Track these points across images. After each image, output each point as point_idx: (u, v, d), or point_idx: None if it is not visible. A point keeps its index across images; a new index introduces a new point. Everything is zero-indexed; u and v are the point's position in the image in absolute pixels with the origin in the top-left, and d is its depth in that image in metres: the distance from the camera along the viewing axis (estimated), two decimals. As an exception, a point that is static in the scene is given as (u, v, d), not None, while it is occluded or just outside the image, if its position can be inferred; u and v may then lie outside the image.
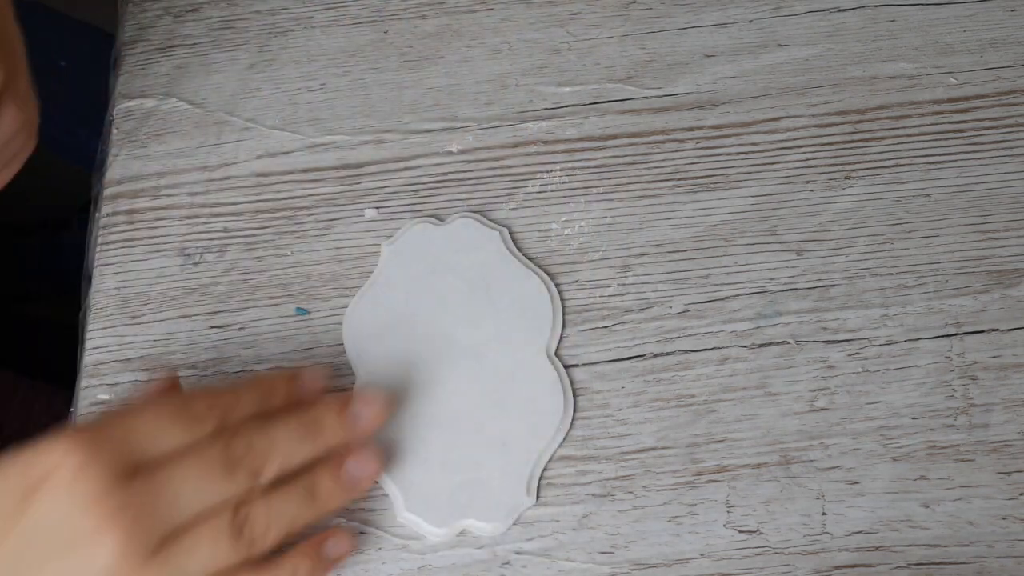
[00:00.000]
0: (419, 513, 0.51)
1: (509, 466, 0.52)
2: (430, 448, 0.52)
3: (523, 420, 0.53)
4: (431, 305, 0.55)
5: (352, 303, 0.56)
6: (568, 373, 0.54)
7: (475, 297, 0.55)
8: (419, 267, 0.56)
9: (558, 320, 0.55)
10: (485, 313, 0.55)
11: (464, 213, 0.58)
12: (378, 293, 0.56)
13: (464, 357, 0.54)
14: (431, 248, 0.57)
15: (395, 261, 0.57)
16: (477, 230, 0.57)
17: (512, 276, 0.56)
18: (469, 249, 0.56)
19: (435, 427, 0.52)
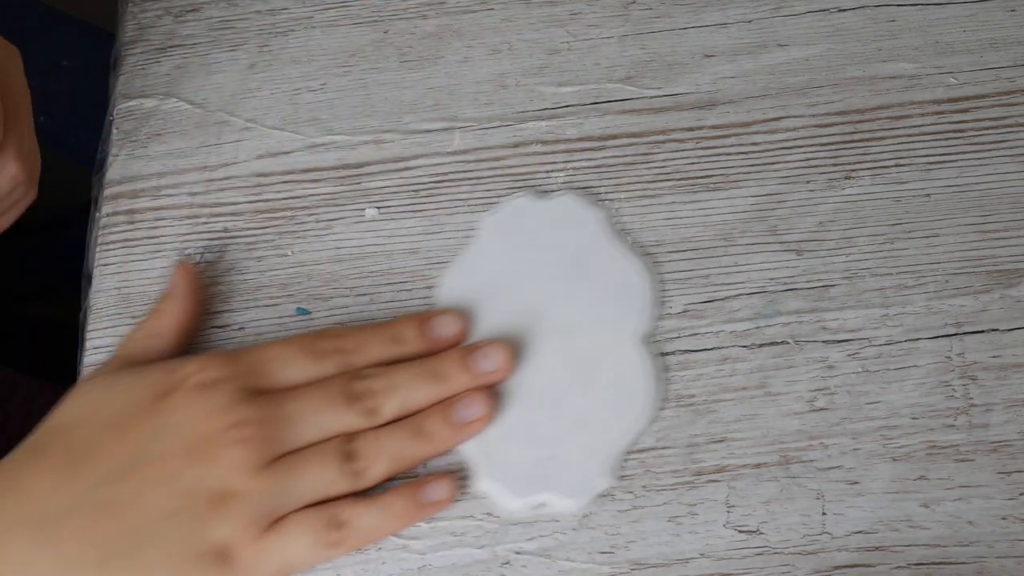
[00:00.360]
0: (498, 483, 0.51)
1: (591, 445, 0.52)
2: (514, 420, 0.52)
3: (609, 401, 0.53)
4: (525, 279, 0.55)
5: (447, 271, 0.56)
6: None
7: (570, 275, 0.55)
8: (516, 240, 0.56)
9: (651, 303, 0.55)
10: (580, 291, 0.55)
11: (567, 190, 0.58)
12: (474, 263, 0.56)
13: (554, 334, 0.54)
14: (530, 222, 0.57)
15: (493, 232, 0.57)
16: (578, 208, 0.57)
17: (610, 257, 0.56)
18: (568, 226, 0.57)
19: (520, 400, 0.53)
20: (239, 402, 0.45)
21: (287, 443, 0.46)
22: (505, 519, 0.51)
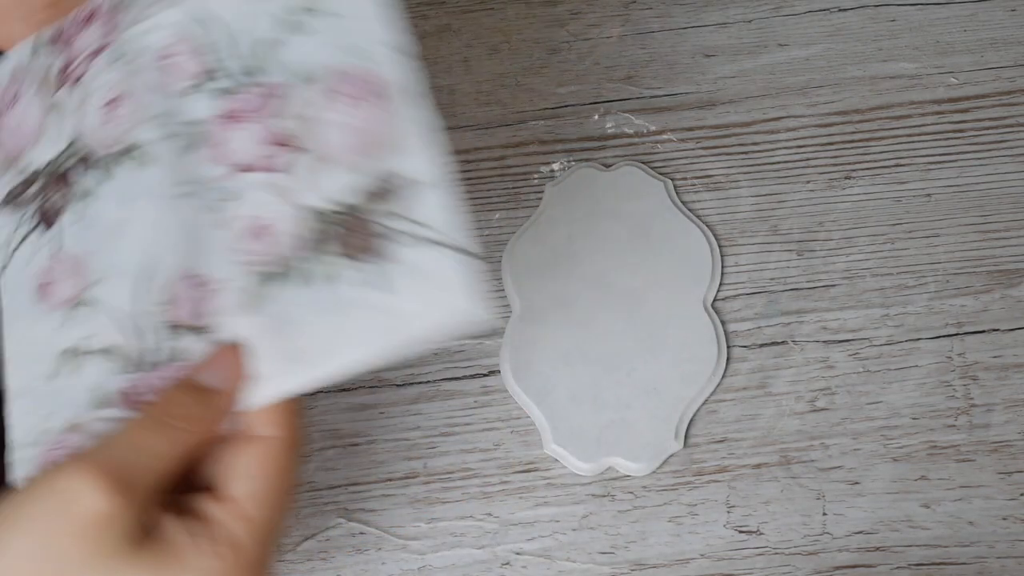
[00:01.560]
0: (566, 446, 0.52)
1: (658, 410, 0.52)
2: (581, 385, 0.53)
3: (675, 367, 0.53)
4: (591, 247, 0.56)
5: (513, 239, 0.57)
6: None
7: (635, 243, 0.56)
8: (581, 209, 0.57)
9: (716, 273, 0.56)
10: (644, 260, 0.56)
11: (629, 161, 0.58)
12: (540, 230, 0.57)
13: (621, 301, 0.55)
14: (594, 192, 0.57)
15: (558, 201, 0.57)
16: (641, 179, 0.58)
17: (674, 226, 0.56)
18: (632, 196, 0.57)
19: (587, 366, 0.53)
20: None
21: None
22: (506, 519, 0.51)
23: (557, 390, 0.53)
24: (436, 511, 0.52)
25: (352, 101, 0.43)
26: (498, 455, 0.53)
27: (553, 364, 0.54)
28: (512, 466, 0.53)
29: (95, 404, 0.43)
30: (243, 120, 0.44)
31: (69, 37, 0.47)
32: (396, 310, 0.42)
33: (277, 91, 0.43)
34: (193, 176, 0.44)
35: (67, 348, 0.44)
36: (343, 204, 0.42)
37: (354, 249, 0.42)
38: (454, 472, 0.52)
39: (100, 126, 0.45)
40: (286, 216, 0.43)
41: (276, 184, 0.43)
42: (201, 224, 0.44)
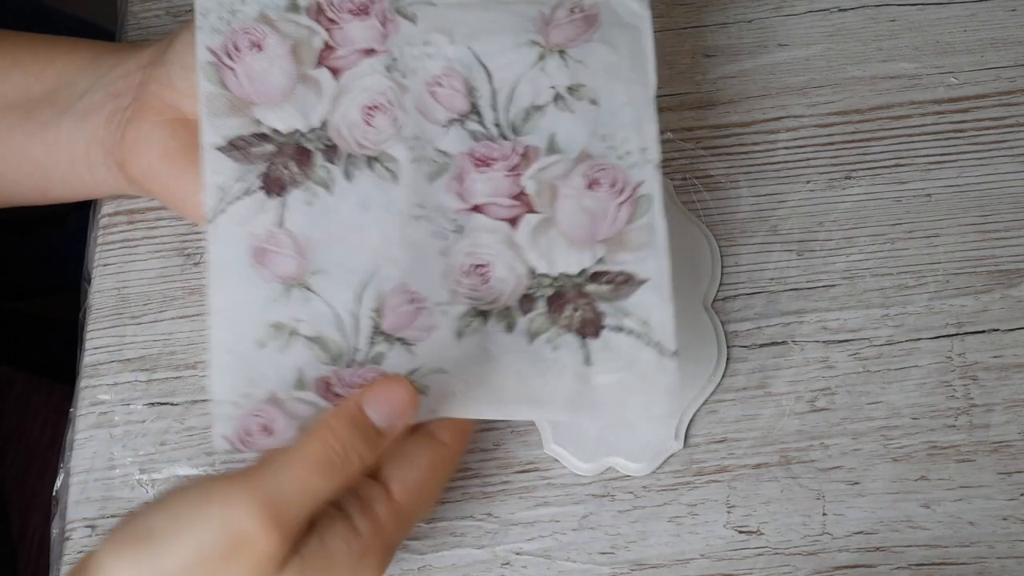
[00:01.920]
0: (566, 446, 0.52)
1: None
2: None
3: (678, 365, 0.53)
4: None
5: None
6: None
7: None
8: None
9: (716, 272, 0.55)
10: None
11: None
12: None
13: None
14: None
15: None
16: None
17: (674, 226, 0.56)
18: None
19: None
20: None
21: None
22: (506, 519, 0.51)
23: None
24: (436, 511, 0.52)
25: (596, 188, 0.48)
26: (498, 455, 0.53)
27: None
28: (512, 466, 0.53)
29: (297, 384, 0.46)
30: (493, 167, 0.48)
31: (335, 20, 0.48)
32: (591, 383, 0.47)
33: (532, 153, 0.48)
34: (433, 202, 0.48)
35: (277, 323, 0.47)
36: (561, 274, 0.47)
37: (560, 316, 0.47)
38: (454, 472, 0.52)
39: (357, 125, 0.48)
40: (505, 265, 0.48)
41: (503, 232, 0.48)
42: (429, 247, 0.48)
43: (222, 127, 0.47)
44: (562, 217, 0.48)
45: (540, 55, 0.48)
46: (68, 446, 0.54)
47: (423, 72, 0.48)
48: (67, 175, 0.54)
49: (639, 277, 0.47)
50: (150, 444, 0.54)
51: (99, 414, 0.55)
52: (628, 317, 0.47)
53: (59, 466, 0.54)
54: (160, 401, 0.55)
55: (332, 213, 0.47)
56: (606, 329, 0.47)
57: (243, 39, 0.48)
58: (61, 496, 0.54)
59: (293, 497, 0.41)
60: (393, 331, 0.47)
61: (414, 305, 0.47)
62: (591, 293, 0.47)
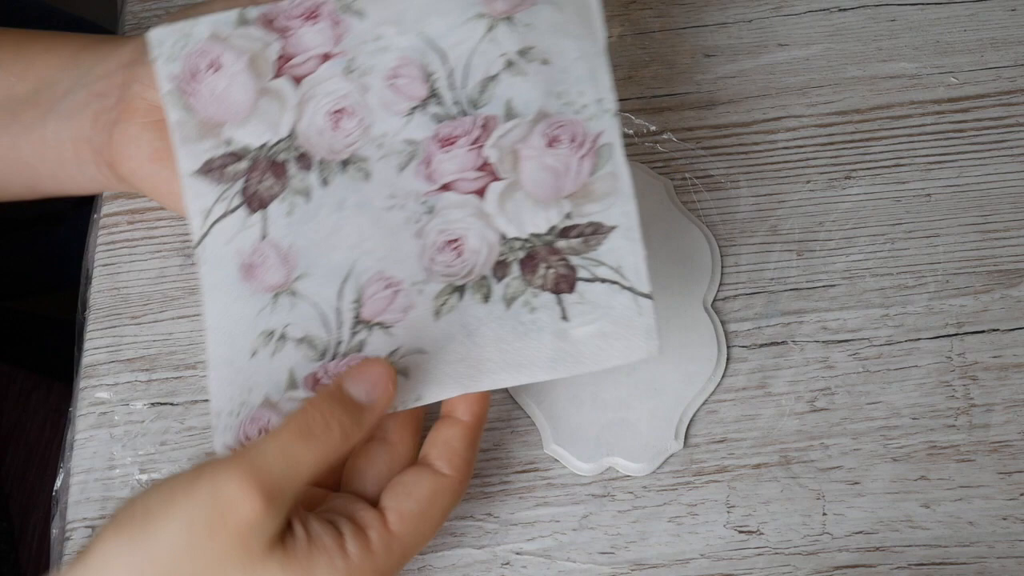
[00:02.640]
0: (566, 446, 0.52)
1: (658, 410, 0.52)
2: (581, 386, 0.53)
3: (675, 367, 0.53)
4: None
5: None
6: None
7: None
8: None
9: (716, 272, 0.55)
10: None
11: (630, 161, 0.58)
12: None
13: None
14: None
15: None
16: (641, 179, 0.57)
17: (674, 226, 0.56)
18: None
19: None
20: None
21: None
22: (506, 519, 0.51)
23: (557, 390, 0.53)
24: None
25: (556, 145, 0.48)
26: (498, 455, 0.53)
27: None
28: (512, 466, 0.53)
29: (289, 385, 0.47)
30: (456, 144, 0.48)
31: (286, 27, 0.49)
32: (570, 338, 0.47)
33: (491, 122, 0.48)
34: (404, 190, 0.49)
35: (266, 330, 0.48)
36: (531, 235, 0.47)
37: (534, 277, 0.47)
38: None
39: (325, 131, 0.49)
40: (477, 235, 0.48)
41: (472, 204, 0.48)
42: (403, 233, 0.48)
43: (195, 152, 0.48)
44: (526, 178, 0.48)
45: (489, 26, 0.48)
46: (68, 446, 0.54)
47: (380, 67, 0.49)
48: (57, 173, 0.54)
49: (608, 225, 0.47)
50: (150, 444, 0.54)
51: (99, 414, 0.55)
52: (600, 266, 0.47)
53: (59, 466, 0.54)
54: (160, 401, 0.55)
55: (312, 219, 0.48)
56: (580, 282, 0.47)
57: (201, 61, 0.48)
58: (61, 496, 0.54)
59: (275, 463, 0.41)
60: (372, 317, 0.48)
61: (391, 289, 0.48)
62: (562, 249, 0.47)
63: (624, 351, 0.47)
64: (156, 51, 0.49)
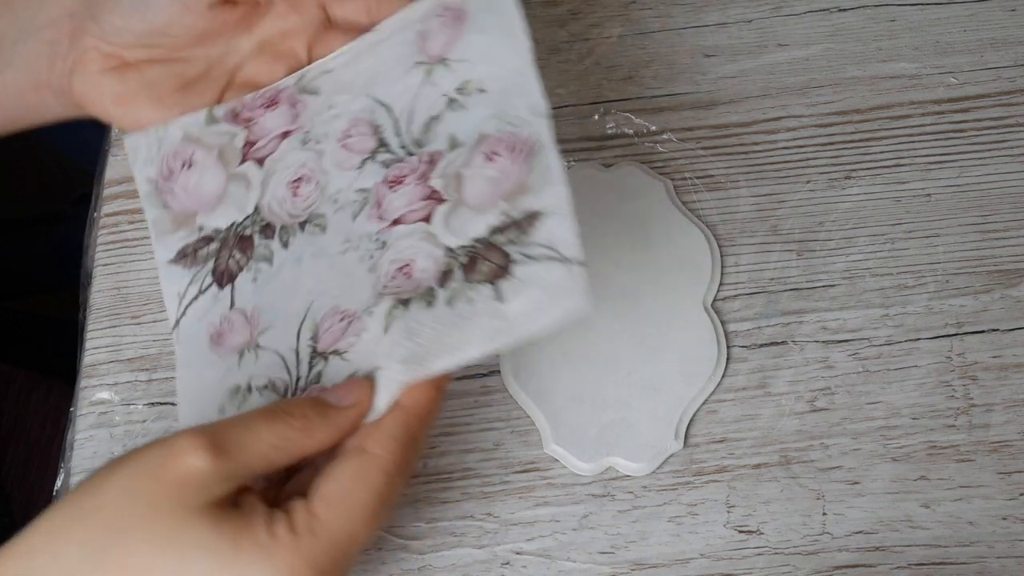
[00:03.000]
0: (566, 446, 0.52)
1: (658, 409, 0.52)
2: (581, 385, 0.53)
3: (675, 366, 0.53)
4: (591, 247, 0.55)
5: None
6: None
7: (635, 243, 0.56)
8: (581, 209, 0.57)
9: (716, 272, 0.56)
10: (644, 259, 0.56)
11: (629, 161, 0.58)
12: None
13: (620, 300, 0.55)
14: (594, 192, 0.57)
15: None
16: (641, 179, 0.58)
17: (674, 226, 0.56)
18: (632, 196, 0.57)
19: (587, 366, 0.53)
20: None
21: None
22: (506, 519, 0.51)
23: (557, 390, 0.53)
24: (436, 511, 0.52)
25: (495, 158, 0.48)
26: (498, 455, 0.53)
27: (553, 364, 0.54)
28: (512, 466, 0.53)
29: None
30: (404, 183, 0.50)
31: (250, 118, 0.52)
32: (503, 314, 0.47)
33: (436, 157, 0.49)
34: (357, 234, 0.50)
35: (233, 386, 0.49)
36: (471, 239, 0.48)
37: (474, 274, 0.48)
38: (454, 472, 0.52)
39: (285, 200, 0.51)
40: (424, 255, 0.49)
41: (420, 230, 0.49)
42: (357, 270, 0.49)
43: (170, 243, 0.51)
44: (468, 194, 0.48)
45: (427, 71, 0.50)
46: (68, 446, 0.54)
47: (333, 132, 0.51)
48: (25, 116, 0.54)
49: (542, 211, 0.47)
50: (150, 444, 0.54)
51: (99, 414, 0.55)
52: (534, 247, 0.47)
53: (60, 465, 0.54)
54: (160, 401, 0.55)
55: (274, 279, 0.49)
56: (513, 265, 0.47)
57: (175, 161, 0.51)
58: (62, 495, 0.54)
59: (232, 428, 0.42)
60: (327, 348, 0.49)
61: (345, 320, 0.49)
62: (499, 243, 0.47)
63: (555, 315, 0.46)
64: (132, 157, 0.52)
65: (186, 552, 0.40)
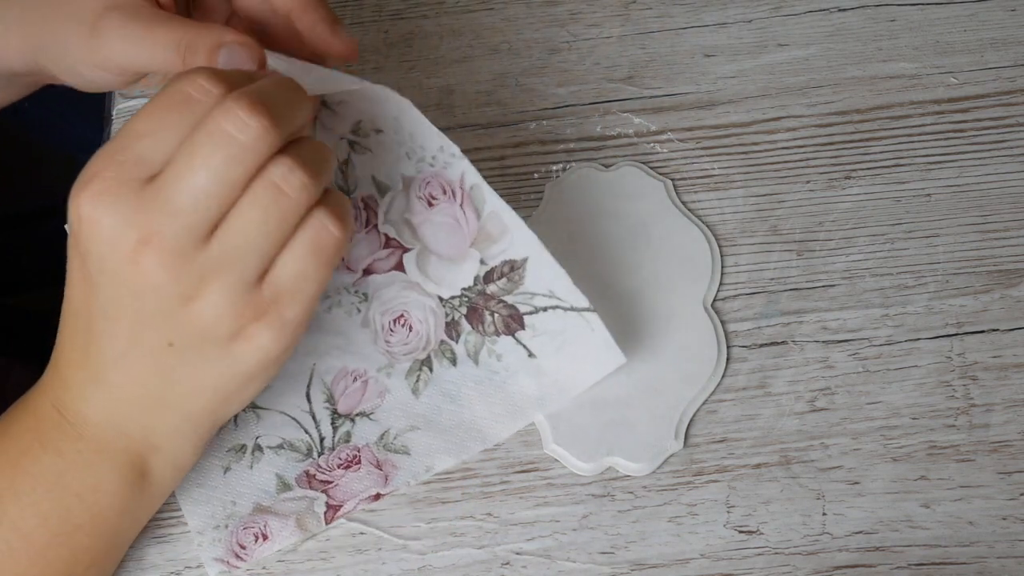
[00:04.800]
0: (566, 446, 0.52)
1: (658, 409, 0.52)
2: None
3: (675, 367, 0.53)
4: (591, 247, 0.56)
5: None
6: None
7: (635, 243, 0.56)
8: (581, 209, 0.57)
9: (716, 272, 0.56)
10: (644, 259, 0.56)
11: (629, 162, 0.58)
12: (539, 231, 0.56)
13: (620, 300, 0.55)
14: (594, 192, 0.57)
15: (558, 201, 0.57)
16: (641, 179, 0.58)
17: (674, 226, 0.56)
18: (632, 196, 0.57)
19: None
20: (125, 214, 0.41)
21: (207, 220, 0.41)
22: (506, 519, 0.51)
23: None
24: (436, 511, 0.52)
25: (434, 203, 0.50)
26: (498, 455, 0.53)
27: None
28: (512, 466, 0.53)
29: (280, 488, 0.51)
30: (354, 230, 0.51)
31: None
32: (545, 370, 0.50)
33: (370, 201, 0.51)
34: (332, 287, 0.52)
35: (235, 446, 0.51)
36: (462, 290, 0.50)
37: (484, 326, 0.50)
38: (454, 472, 0.52)
39: None
40: (416, 305, 0.51)
41: (399, 279, 0.51)
42: (349, 326, 0.52)
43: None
44: (429, 241, 0.50)
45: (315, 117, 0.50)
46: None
47: None
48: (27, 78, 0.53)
49: (519, 259, 0.49)
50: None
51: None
52: (535, 296, 0.49)
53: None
54: (160, 401, 0.55)
55: None
56: (526, 316, 0.49)
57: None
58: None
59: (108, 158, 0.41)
60: (350, 410, 0.52)
61: (359, 381, 0.52)
62: (494, 293, 0.50)
63: (595, 367, 0.49)
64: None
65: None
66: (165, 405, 0.45)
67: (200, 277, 0.41)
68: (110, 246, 0.41)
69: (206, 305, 0.41)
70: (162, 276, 0.41)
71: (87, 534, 0.46)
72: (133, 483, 0.46)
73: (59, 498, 0.45)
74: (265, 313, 0.42)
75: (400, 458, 0.51)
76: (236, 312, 0.42)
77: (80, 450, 0.45)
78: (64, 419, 0.46)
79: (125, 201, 0.40)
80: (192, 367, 0.43)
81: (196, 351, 0.43)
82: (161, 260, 0.40)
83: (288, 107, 0.42)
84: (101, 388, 0.45)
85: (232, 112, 0.40)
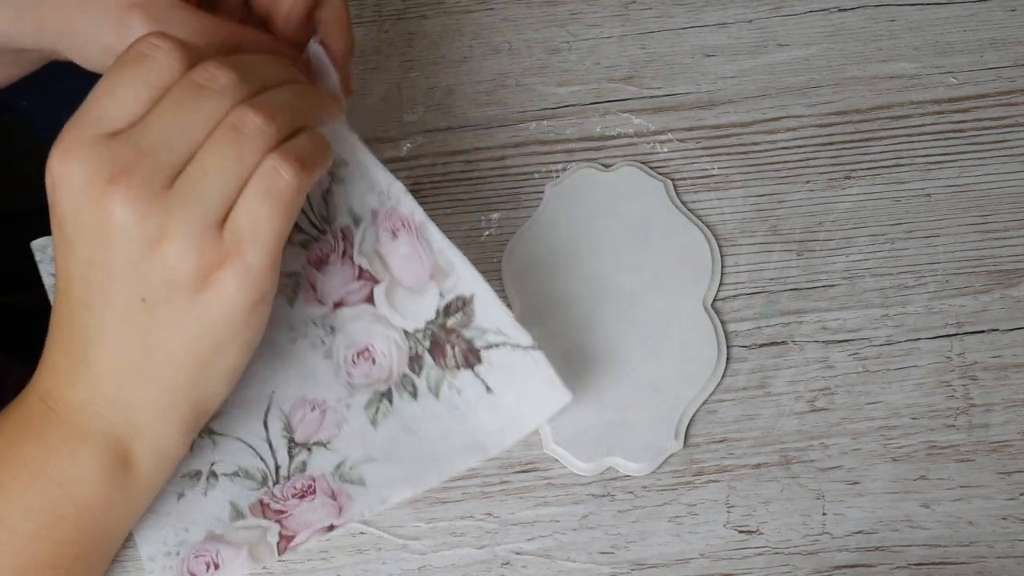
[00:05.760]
0: (566, 446, 0.52)
1: (658, 409, 0.52)
2: (581, 386, 0.53)
3: (675, 367, 0.53)
4: (591, 247, 0.56)
5: (513, 239, 0.57)
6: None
7: (635, 243, 0.56)
8: (581, 209, 0.57)
9: (716, 272, 0.56)
10: (644, 259, 0.56)
11: (629, 162, 0.58)
12: (539, 231, 0.57)
13: (620, 300, 0.55)
14: (594, 192, 0.57)
15: (558, 201, 0.57)
16: (641, 179, 0.58)
17: (674, 226, 0.56)
18: (633, 197, 0.57)
19: (587, 366, 0.53)
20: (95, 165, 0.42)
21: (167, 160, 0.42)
22: (506, 519, 0.51)
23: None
24: (436, 511, 0.52)
25: (398, 234, 0.50)
26: (498, 455, 0.53)
27: (553, 364, 0.53)
28: (512, 466, 0.53)
29: (234, 516, 0.50)
30: (329, 261, 0.52)
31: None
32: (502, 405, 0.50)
33: (348, 231, 0.51)
34: (300, 319, 0.52)
35: (190, 471, 0.51)
36: (426, 323, 0.50)
37: (445, 360, 0.50)
38: (454, 472, 0.52)
39: None
40: (382, 338, 0.51)
41: (368, 312, 0.51)
42: (312, 358, 0.52)
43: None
44: (397, 273, 0.51)
45: None
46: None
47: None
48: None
49: (467, 295, 0.49)
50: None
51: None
52: (486, 333, 0.49)
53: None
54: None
55: None
56: (481, 350, 0.49)
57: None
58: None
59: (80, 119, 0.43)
60: (307, 439, 0.51)
61: (317, 410, 0.52)
62: (454, 327, 0.50)
63: (544, 406, 0.49)
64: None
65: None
66: (142, 375, 0.45)
67: (165, 216, 0.42)
68: (82, 194, 0.42)
69: (171, 246, 0.42)
70: (129, 216, 0.41)
71: (72, 526, 0.46)
72: (117, 472, 0.46)
73: (43, 489, 0.46)
74: (228, 257, 0.43)
75: (355, 489, 0.50)
76: (199, 252, 0.42)
77: (63, 437, 0.46)
78: (49, 408, 0.46)
79: (93, 151, 0.42)
80: (165, 328, 0.44)
81: (166, 305, 0.43)
82: (127, 198, 0.41)
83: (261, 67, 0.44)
84: (83, 367, 0.45)
85: (204, 67, 0.43)
